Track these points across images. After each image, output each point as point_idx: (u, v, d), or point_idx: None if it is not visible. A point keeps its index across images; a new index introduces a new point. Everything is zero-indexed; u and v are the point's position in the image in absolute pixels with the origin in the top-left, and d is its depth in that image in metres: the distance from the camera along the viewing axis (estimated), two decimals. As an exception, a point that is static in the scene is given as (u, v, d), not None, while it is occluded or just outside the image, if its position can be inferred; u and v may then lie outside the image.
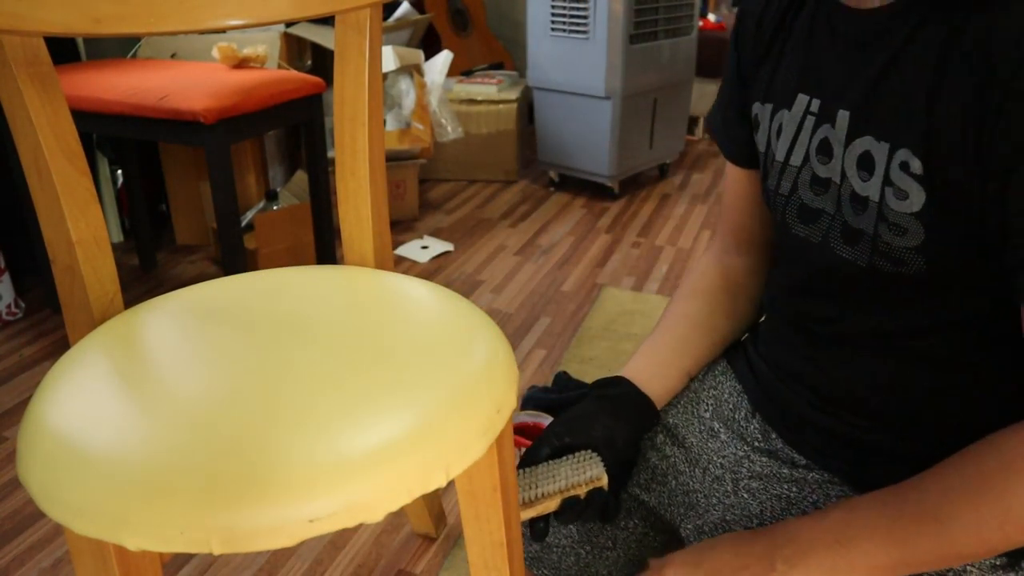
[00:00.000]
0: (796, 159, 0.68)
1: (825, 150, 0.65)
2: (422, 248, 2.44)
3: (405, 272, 1.96)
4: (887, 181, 0.59)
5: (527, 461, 0.71)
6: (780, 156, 0.70)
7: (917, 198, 0.57)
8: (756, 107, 0.74)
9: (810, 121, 0.66)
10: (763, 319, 0.83)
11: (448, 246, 2.46)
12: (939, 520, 0.54)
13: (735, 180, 0.84)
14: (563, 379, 0.84)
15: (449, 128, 2.69)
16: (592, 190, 2.98)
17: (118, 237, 2.44)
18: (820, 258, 0.67)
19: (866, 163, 0.60)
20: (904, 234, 0.59)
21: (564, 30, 2.69)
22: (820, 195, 0.66)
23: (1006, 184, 0.52)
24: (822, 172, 0.65)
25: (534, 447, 0.72)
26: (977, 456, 0.55)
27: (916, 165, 0.57)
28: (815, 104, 0.66)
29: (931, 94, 0.55)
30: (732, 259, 0.86)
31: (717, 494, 0.74)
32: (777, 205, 0.71)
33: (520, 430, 0.77)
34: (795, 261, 0.72)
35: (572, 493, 0.68)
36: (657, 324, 0.85)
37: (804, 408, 0.72)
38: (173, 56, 2.20)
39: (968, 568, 0.62)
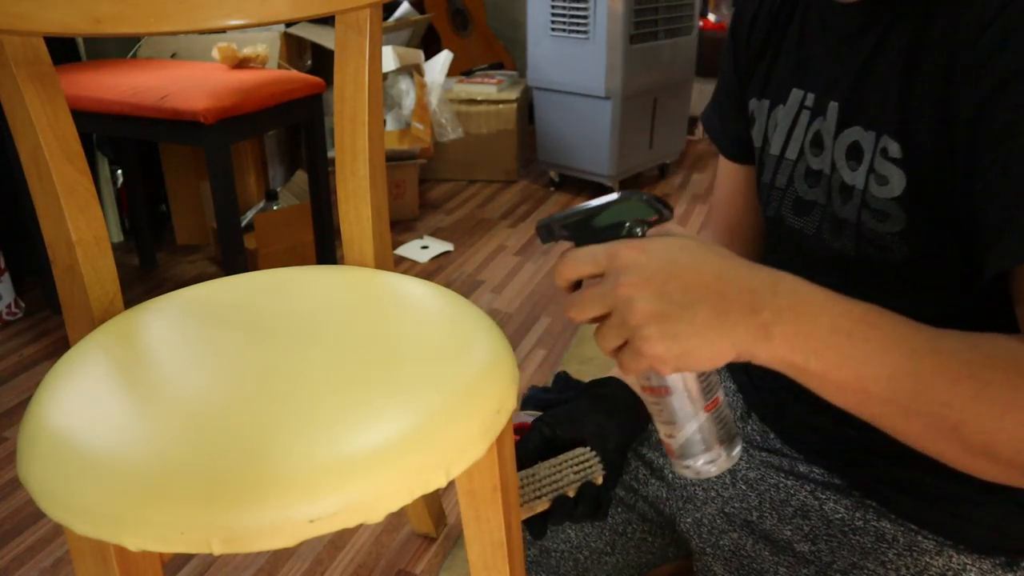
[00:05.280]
0: (791, 153, 0.69)
1: (818, 143, 0.66)
2: (422, 248, 2.44)
3: (405, 272, 1.96)
4: (871, 169, 0.60)
5: (516, 455, 0.71)
6: (776, 150, 0.71)
7: (898, 183, 0.58)
8: (753, 103, 0.75)
9: (805, 115, 0.68)
10: None
11: (448, 246, 2.46)
12: (972, 376, 0.46)
13: (728, 175, 0.85)
14: (563, 379, 0.84)
15: (449, 128, 2.69)
16: (592, 190, 2.98)
17: (118, 237, 2.44)
18: (814, 249, 0.68)
19: (854, 153, 0.61)
20: (886, 220, 0.60)
21: (564, 30, 2.69)
22: (813, 187, 0.67)
23: (971, 162, 0.52)
24: (815, 164, 0.66)
25: (522, 442, 0.71)
26: None
27: (895, 149, 0.58)
28: (809, 98, 0.67)
29: (905, 79, 0.57)
30: None
31: (715, 487, 0.74)
32: (773, 198, 0.72)
33: (520, 430, 0.77)
34: (790, 255, 0.72)
35: (564, 491, 0.68)
36: None
37: (801, 409, 0.72)
38: (173, 56, 2.20)
39: (967, 566, 0.62)
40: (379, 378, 0.59)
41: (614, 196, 0.51)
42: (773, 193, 0.72)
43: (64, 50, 2.17)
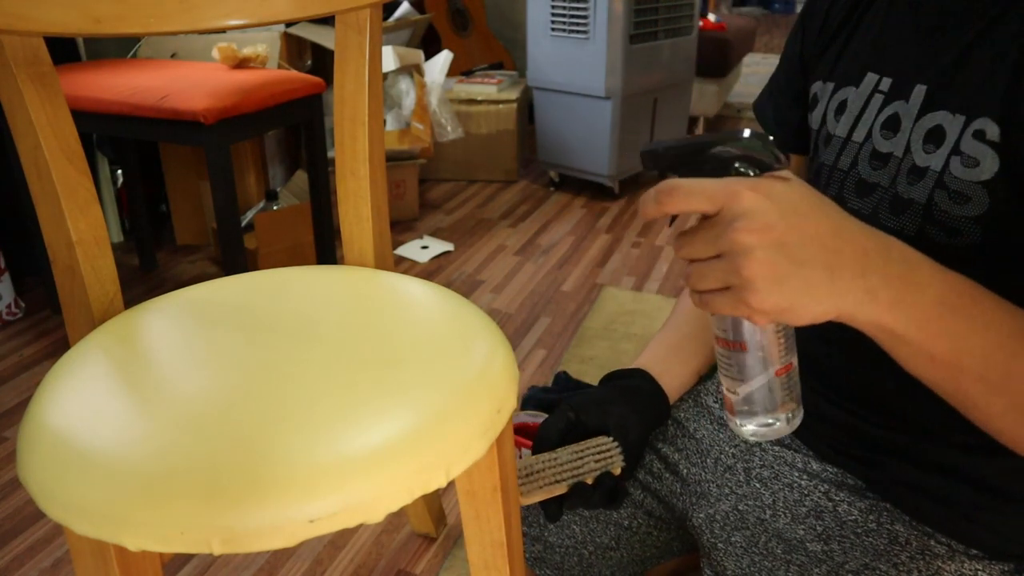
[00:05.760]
0: (859, 135, 0.69)
1: (891, 125, 0.65)
2: (422, 248, 2.44)
3: (405, 272, 1.96)
4: (955, 151, 0.59)
5: (541, 436, 0.72)
6: (841, 132, 0.71)
7: (989, 166, 0.57)
8: (816, 86, 0.75)
9: (877, 99, 0.67)
10: None
11: (448, 246, 2.46)
12: None
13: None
14: (563, 379, 0.84)
15: (449, 128, 2.69)
16: (592, 190, 2.98)
17: (118, 237, 2.44)
18: None
19: (934, 137, 0.61)
20: (966, 203, 0.59)
21: (564, 30, 2.69)
22: (878, 169, 0.67)
23: None
24: (884, 147, 0.66)
25: (546, 425, 0.72)
26: None
27: (993, 131, 0.57)
28: (884, 83, 0.67)
29: (1019, 64, 0.56)
30: None
31: (729, 484, 0.74)
32: (834, 180, 0.72)
33: (520, 430, 0.77)
34: None
35: (583, 479, 0.68)
36: (667, 320, 0.86)
37: (819, 402, 0.71)
38: (173, 56, 2.20)
39: (978, 572, 0.62)
40: (379, 378, 0.59)
41: (729, 132, 0.47)
42: (835, 175, 0.71)
43: (64, 50, 2.16)
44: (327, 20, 2.52)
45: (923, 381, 0.50)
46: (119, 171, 2.34)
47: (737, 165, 0.46)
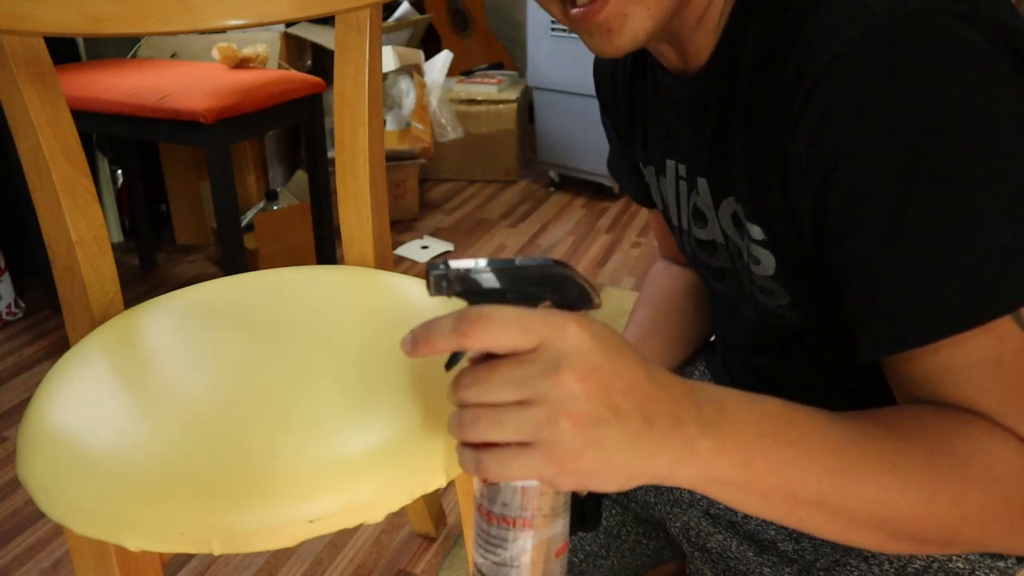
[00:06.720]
0: (685, 223, 0.67)
1: (699, 215, 0.64)
2: (422, 248, 2.44)
3: (405, 272, 1.96)
4: (748, 248, 0.58)
5: None
6: (675, 221, 0.69)
7: (768, 263, 0.56)
8: (641, 167, 0.73)
9: (683, 186, 0.65)
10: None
11: (448, 246, 2.46)
12: (896, 467, 0.43)
13: (655, 220, 0.84)
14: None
15: (449, 128, 2.69)
16: (592, 190, 2.98)
17: (118, 237, 2.44)
18: (737, 311, 0.67)
19: (738, 222, 0.59)
20: (772, 295, 0.59)
21: (564, 30, 2.69)
22: (713, 255, 0.65)
23: (824, 249, 0.50)
24: (703, 235, 0.64)
25: None
26: (935, 421, 0.46)
27: (756, 231, 0.56)
28: (682, 169, 0.65)
29: (745, 160, 0.54)
30: (679, 268, 0.87)
31: None
32: (699, 267, 0.70)
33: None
34: (720, 314, 0.72)
35: None
36: (638, 300, 0.86)
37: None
38: (173, 56, 2.20)
39: (952, 556, 0.62)
40: (379, 378, 0.59)
41: (539, 261, 0.40)
42: (693, 259, 0.70)
43: (64, 50, 2.16)
44: (327, 20, 2.52)
45: (762, 518, 0.45)
46: (119, 171, 2.34)
47: (550, 298, 0.40)
